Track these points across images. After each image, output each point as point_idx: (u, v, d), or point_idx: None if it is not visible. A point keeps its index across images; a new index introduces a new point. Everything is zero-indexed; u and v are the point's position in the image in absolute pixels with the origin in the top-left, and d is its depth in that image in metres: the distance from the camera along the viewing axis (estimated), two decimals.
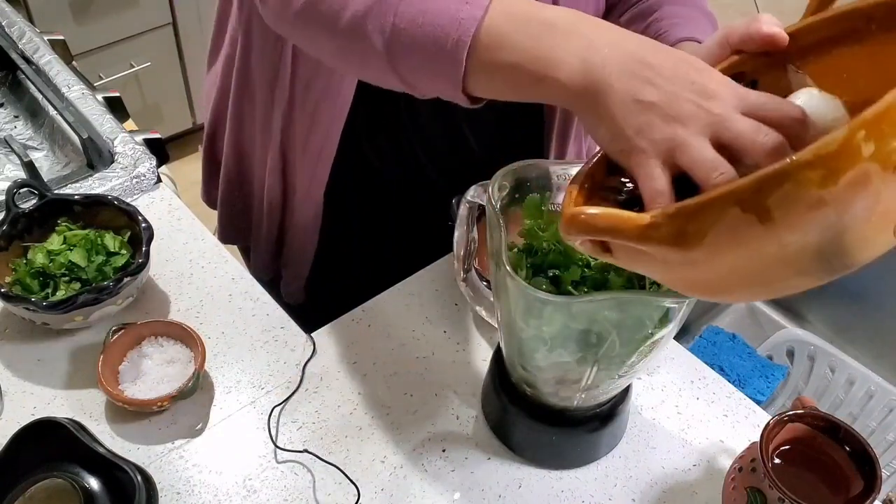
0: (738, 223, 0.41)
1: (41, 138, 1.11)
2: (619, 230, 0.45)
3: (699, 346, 1.38)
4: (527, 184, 0.66)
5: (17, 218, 0.84)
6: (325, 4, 0.60)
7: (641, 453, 0.79)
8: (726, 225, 0.41)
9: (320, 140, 0.86)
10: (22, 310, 0.79)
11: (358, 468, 0.76)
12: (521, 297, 0.60)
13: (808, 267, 0.42)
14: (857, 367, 1.35)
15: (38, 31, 1.21)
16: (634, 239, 0.44)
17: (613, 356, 0.63)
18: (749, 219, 0.40)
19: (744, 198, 0.40)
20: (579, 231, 0.47)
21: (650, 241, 0.44)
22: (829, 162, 0.38)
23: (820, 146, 0.38)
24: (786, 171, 0.38)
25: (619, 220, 0.45)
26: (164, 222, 0.96)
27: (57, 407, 0.79)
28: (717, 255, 0.43)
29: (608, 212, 0.46)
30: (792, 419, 0.69)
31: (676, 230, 0.43)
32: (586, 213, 0.47)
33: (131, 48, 2.08)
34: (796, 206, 0.39)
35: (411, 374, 0.84)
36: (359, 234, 1.01)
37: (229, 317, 0.88)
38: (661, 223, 0.43)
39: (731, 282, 0.45)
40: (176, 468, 0.75)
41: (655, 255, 0.45)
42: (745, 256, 0.42)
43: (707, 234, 0.42)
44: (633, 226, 0.44)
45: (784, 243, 0.41)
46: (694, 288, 0.48)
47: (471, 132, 0.91)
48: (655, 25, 0.76)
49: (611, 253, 0.48)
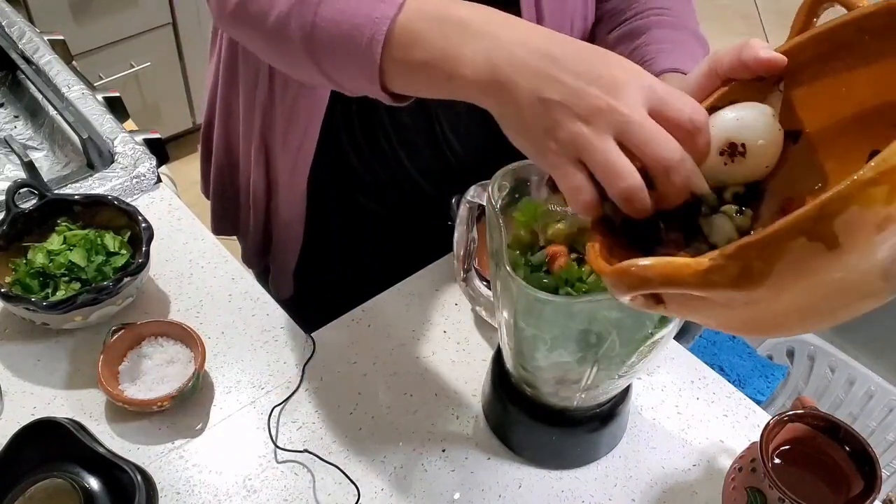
0: (805, 254, 0.38)
1: (41, 138, 1.11)
2: (676, 279, 0.42)
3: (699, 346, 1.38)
4: (527, 184, 0.66)
5: (17, 218, 0.84)
6: (254, 6, 0.63)
7: (641, 453, 0.79)
8: (792, 258, 0.39)
9: (299, 136, 0.86)
10: (22, 310, 0.79)
11: (358, 468, 0.76)
12: (521, 297, 0.60)
13: (873, 288, 0.40)
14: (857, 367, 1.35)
15: (38, 31, 1.21)
16: (694, 286, 0.42)
17: (613, 356, 0.63)
18: (816, 248, 0.38)
19: (808, 227, 0.38)
20: (632, 287, 0.44)
21: (712, 286, 0.41)
22: (891, 176, 0.36)
23: (880, 161, 0.36)
24: (849, 192, 0.36)
25: (675, 268, 0.42)
26: (164, 222, 0.96)
27: (57, 407, 0.79)
28: (782, 290, 0.40)
29: (661, 261, 0.43)
30: (792, 419, 0.69)
31: (740, 270, 0.40)
32: (637, 266, 0.43)
33: (131, 48, 2.08)
34: (863, 227, 0.37)
35: (411, 374, 0.84)
36: (340, 230, 1.01)
37: (229, 317, 0.88)
38: (723, 265, 0.40)
39: (791, 316, 0.42)
40: (176, 468, 0.75)
41: (716, 300, 0.42)
42: (811, 287, 0.40)
43: (773, 269, 0.39)
44: (692, 272, 0.41)
45: (850, 267, 0.38)
46: (752, 328, 0.45)
47: (453, 135, 0.91)
48: (642, 50, 0.76)
49: (664, 304, 0.45)
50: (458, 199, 0.77)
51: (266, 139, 0.90)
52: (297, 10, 0.60)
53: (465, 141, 0.92)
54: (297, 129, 0.86)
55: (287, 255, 1.00)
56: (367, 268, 1.02)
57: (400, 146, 0.91)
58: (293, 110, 0.85)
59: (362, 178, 0.94)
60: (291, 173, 0.90)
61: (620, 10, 0.84)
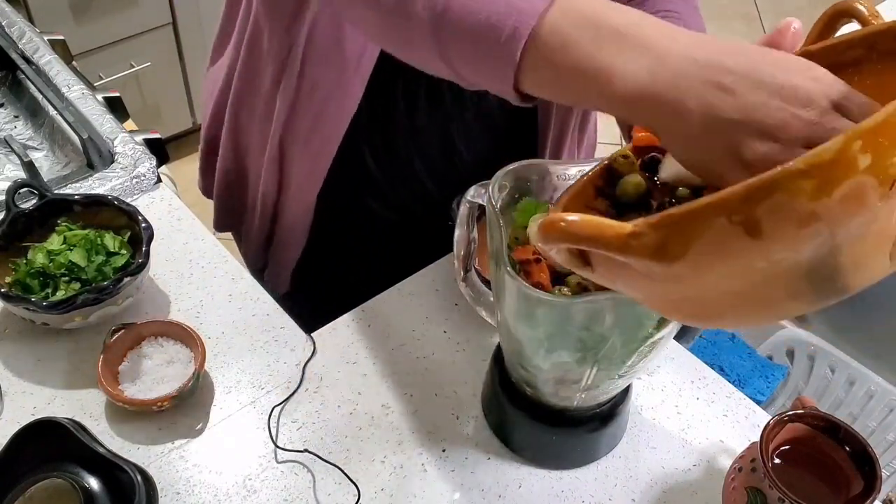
0: (725, 235, 0.38)
1: (41, 138, 1.11)
2: (599, 238, 0.42)
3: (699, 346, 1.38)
4: (527, 184, 0.66)
5: (17, 218, 0.84)
6: None
7: (641, 453, 0.79)
8: (712, 236, 0.39)
9: (323, 138, 0.86)
10: (22, 310, 0.79)
11: (358, 468, 0.76)
12: (520, 297, 0.60)
13: (800, 289, 0.40)
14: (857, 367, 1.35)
15: (38, 31, 1.21)
16: (615, 249, 0.42)
17: (613, 356, 0.63)
18: (736, 230, 0.38)
19: (732, 207, 0.38)
20: (556, 238, 0.44)
21: (632, 251, 0.41)
22: (822, 171, 0.36)
23: (814, 154, 0.36)
24: (777, 179, 0.36)
25: (600, 227, 0.42)
26: (164, 222, 0.96)
27: (57, 407, 0.79)
28: (702, 269, 0.40)
29: (589, 218, 0.43)
30: (792, 419, 0.69)
31: (660, 240, 0.40)
32: (566, 220, 0.43)
33: (131, 48, 2.08)
34: (787, 218, 0.37)
35: (411, 374, 0.84)
36: (344, 231, 1.01)
37: (229, 317, 0.88)
38: (645, 232, 0.41)
39: (719, 303, 0.43)
40: (176, 468, 0.75)
41: (638, 269, 0.42)
42: (733, 273, 0.40)
43: (691, 245, 0.39)
44: (615, 234, 0.41)
45: (774, 260, 0.39)
46: (680, 309, 0.45)
47: (463, 140, 0.91)
48: None
49: (591, 267, 0.45)
50: (458, 200, 0.77)
51: (283, 145, 0.90)
52: None
53: (474, 146, 0.92)
54: (322, 131, 0.85)
55: (288, 254, 1.00)
56: (368, 267, 1.02)
57: (414, 149, 0.91)
58: (321, 114, 0.84)
59: (375, 180, 0.94)
60: (307, 177, 0.90)
61: None
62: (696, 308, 0.44)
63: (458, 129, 0.90)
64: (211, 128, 1.02)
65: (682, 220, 0.40)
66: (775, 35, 0.49)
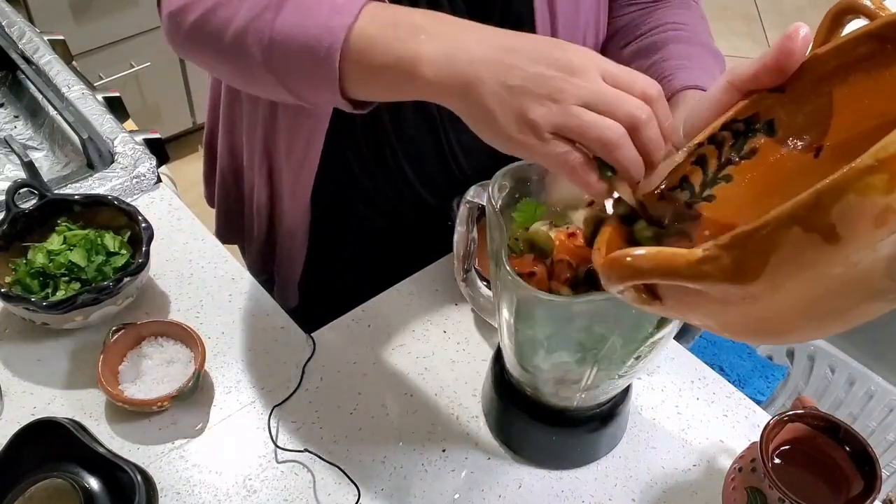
0: (801, 245, 0.37)
1: (41, 138, 1.11)
2: (668, 269, 0.41)
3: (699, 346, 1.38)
4: (527, 184, 0.66)
5: (17, 218, 0.84)
6: (211, 24, 0.64)
7: (641, 453, 0.79)
8: (788, 249, 0.37)
9: (302, 148, 0.85)
10: (22, 310, 0.79)
11: (358, 468, 0.76)
12: (520, 297, 0.60)
13: (880, 287, 0.38)
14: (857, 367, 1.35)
15: (38, 31, 1.21)
16: (688, 277, 0.40)
17: (613, 357, 0.63)
18: (812, 239, 0.36)
19: (803, 215, 0.36)
20: (622, 277, 0.43)
21: (706, 277, 0.40)
22: (891, 164, 0.34)
23: (879, 148, 0.34)
24: (845, 180, 0.35)
25: (666, 257, 0.41)
26: (164, 222, 0.96)
27: (57, 407, 0.79)
28: (780, 285, 0.38)
29: (653, 250, 0.41)
30: (792, 419, 0.69)
31: (734, 261, 0.39)
32: (631, 255, 0.42)
33: (131, 48, 2.08)
34: (862, 218, 0.35)
35: (411, 374, 0.84)
36: (343, 240, 1.01)
37: (229, 317, 0.88)
38: (717, 255, 0.39)
39: (795, 316, 0.41)
40: (176, 468, 0.75)
41: (712, 294, 0.41)
42: (811, 283, 0.38)
43: (768, 261, 0.38)
44: (685, 262, 0.40)
45: (852, 262, 0.37)
46: (757, 330, 0.43)
47: (459, 147, 0.91)
48: (660, 66, 0.76)
49: (660, 300, 0.44)
50: (458, 200, 0.77)
51: (269, 151, 0.90)
52: (253, 25, 0.61)
53: (471, 153, 0.92)
54: (300, 141, 0.85)
55: (292, 265, 1.00)
56: (369, 274, 1.01)
57: (405, 158, 0.90)
58: (295, 122, 0.84)
59: (365, 190, 0.94)
60: (295, 185, 0.90)
61: (636, 26, 0.84)
62: (773, 327, 0.43)
63: (453, 136, 0.90)
64: (209, 135, 1.02)
65: (754, 236, 0.38)
66: (785, 40, 0.50)
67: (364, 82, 0.58)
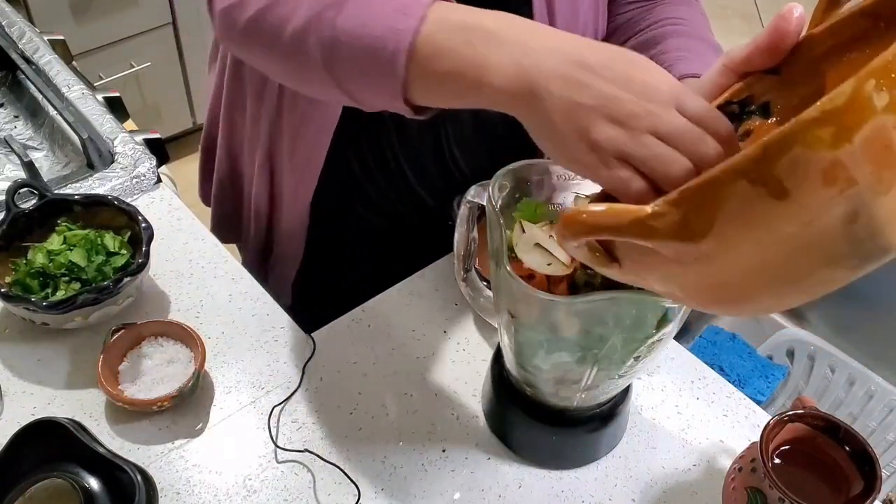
0: (749, 200, 0.36)
1: (41, 138, 1.11)
2: (618, 226, 0.41)
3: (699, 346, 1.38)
4: (527, 184, 0.66)
5: (17, 218, 0.84)
6: (268, 22, 0.61)
7: (641, 453, 0.79)
8: (736, 204, 0.37)
9: (307, 151, 0.85)
10: (22, 310, 0.79)
11: (358, 468, 0.76)
12: (520, 296, 0.60)
13: (838, 251, 0.37)
14: (857, 367, 1.35)
15: (38, 31, 1.21)
16: (638, 233, 0.40)
17: (613, 357, 0.63)
18: (759, 193, 0.36)
19: (749, 169, 0.36)
20: (577, 231, 0.43)
21: (655, 233, 0.40)
22: (838, 117, 0.33)
23: (826, 101, 0.34)
24: (792, 131, 0.34)
25: (616, 212, 0.41)
26: (164, 222, 0.96)
27: (57, 407, 0.79)
28: (731, 243, 0.38)
29: (607, 206, 0.42)
30: (792, 419, 0.69)
31: (682, 216, 0.38)
32: (586, 211, 0.42)
33: (131, 48, 2.08)
34: (810, 172, 0.34)
35: (411, 374, 0.84)
36: (340, 242, 1.01)
37: (229, 317, 0.88)
38: (665, 210, 0.39)
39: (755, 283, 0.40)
40: (176, 468, 0.75)
41: (665, 253, 0.41)
42: (763, 243, 0.37)
43: (716, 216, 0.37)
44: (635, 217, 0.40)
45: (805, 221, 0.36)
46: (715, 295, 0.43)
47: (458, 150, 0.91)
48: (660, 58, 0.76)
49: (618, 263, 0.44)
50: (458, 200, 0.77)
51: (271, 155, 0.90)
52: (314, 24, 0.58)
53: (470, 155, 0.92)
54: (305, 144, 0.85)
55: (287, 266, 1.00)
56: (367, 277, 1.01)
57: (406, 160, 0.91)
58: (302, 125, 0.84)
59: (365, 191, 0.94)
60: (296, 188, 0.89)
61: (636, 21, 0.84)
62: (732, 292, 0.42)
63: (453, 138, 0.90)
64: (208, 135, 1.02)
65: (701, 190, 0.38)
66: (779, 20, 0.49)
67: (429, 88, 0.56)
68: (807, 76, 0.51)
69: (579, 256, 0.46)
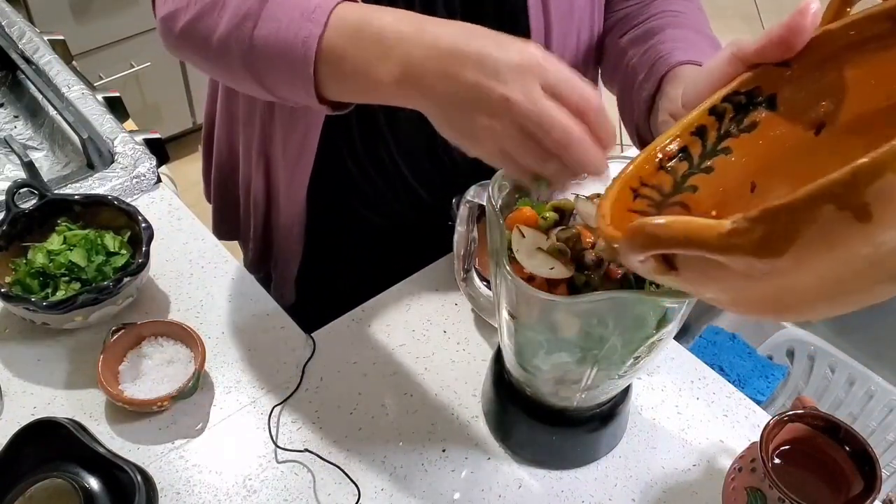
0: (832, 223, 0.36)
1: (41, 138, 1.11)
2: (696, 240, 0.40)
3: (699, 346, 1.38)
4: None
5: (17, 218, 0.84)
6: (197, 31, 0.67)
7: (641, 453, 0.79)
8: (819, 226, 0.36)
9: (298, 145, 0.86)
10: (22, 310, 0.79)
11: (358, 468, 0.76)
12: (520, 296, 0.60)
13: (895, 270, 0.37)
14: (857, 367, 1.35)
15: (38, 31, 1.21)
16: (715, 249, 0.39)
17: (613, 357, 0.63)
18: (844, 217, 0.35)
19: (838, 192, 0.35)
20: (646, 246, 0.42)
21: (733, 250, 0.39)
22: None
23: None
24: (884, 159, 0.34)
25: (695, 227, 0.39)
26: (164, 222, 0.96)
27: (57, 407, 0.79)
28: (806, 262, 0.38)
29: (681, 220, 0.40)
30: (792, 419, 0.69)
31: (763, 234, 0.38)
32: (655, 224, 0.41)
33: (131, 48, 2.08)
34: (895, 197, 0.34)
35: (411, 374, 0.84)
36: (340, 238, 1.01)
37: (229, 317, 0.88)
38: (747, 228, 0.38)
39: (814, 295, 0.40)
40: (176, 468, 0.75)
41: (735, 268, 0.40)
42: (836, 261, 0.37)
43: (798, 237, 0.37)
44: (714, 233, 0.39)
45: (878, 242, 0.36)
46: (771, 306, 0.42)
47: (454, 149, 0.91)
48: (658, 48, 0.76)
49: (676, 271, 0.43)
50: (458, 200, 0.77)
51: (266, 145, 0.90)
52: (234, 35, 0.64)
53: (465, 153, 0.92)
54: (296, 138, 0.85)
55: (288, 262, 1.00)
56: (368, 275, 1.01)
57: (399, 155, 0.91)
58: (292, 119, 0.85)
59: (361, 188, 0.94)
60: (291, 182, 0.90)
61: (633, 16, 0.84)
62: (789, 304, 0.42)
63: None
64: (207, 132, 1.02)
65: (786, 211, 0.37)
66: (797, 16, 0.49)
67: (338, 88, 0.61)
68: (818, 72, 0.50)
69: (639, 268, 0.45)
